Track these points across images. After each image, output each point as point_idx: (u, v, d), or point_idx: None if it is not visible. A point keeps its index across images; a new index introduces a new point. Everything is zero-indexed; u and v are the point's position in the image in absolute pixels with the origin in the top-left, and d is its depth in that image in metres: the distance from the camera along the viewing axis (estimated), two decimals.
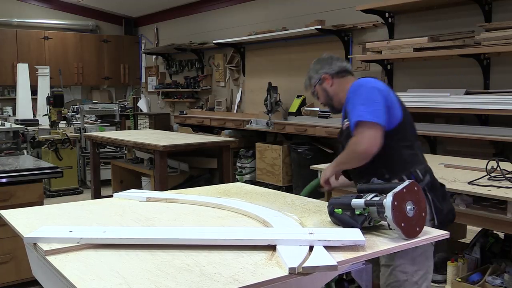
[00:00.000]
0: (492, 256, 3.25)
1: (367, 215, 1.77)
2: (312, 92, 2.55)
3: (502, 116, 4.27)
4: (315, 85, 2.50)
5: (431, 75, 5.12)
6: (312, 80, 2.52)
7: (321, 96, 2.50)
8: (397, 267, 2.20)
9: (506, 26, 4.19)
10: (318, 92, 2.50)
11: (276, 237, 1.66)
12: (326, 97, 2.48)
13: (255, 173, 6.65)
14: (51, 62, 9.44)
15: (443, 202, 2.19)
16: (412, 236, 1.72)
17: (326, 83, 2.46)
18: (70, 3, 10.36)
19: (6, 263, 3.51)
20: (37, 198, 3.58)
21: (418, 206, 1.76)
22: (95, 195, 5.63)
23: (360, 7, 5.29)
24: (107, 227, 1.83)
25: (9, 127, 6.08)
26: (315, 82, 2.49)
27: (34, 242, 1.68)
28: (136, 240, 1.67)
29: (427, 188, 2.16)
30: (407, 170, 2.21)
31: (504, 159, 2.99)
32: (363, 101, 2.17)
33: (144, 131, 8.02)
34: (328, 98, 2.47)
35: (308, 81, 2.55)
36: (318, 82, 2.48)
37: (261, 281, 1.37)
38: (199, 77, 8.73)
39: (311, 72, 2.53)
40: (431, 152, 4.68)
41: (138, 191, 2.56)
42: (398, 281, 2.25)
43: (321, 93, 2.49)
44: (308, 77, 2.56)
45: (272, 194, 2.54)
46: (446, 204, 2.23)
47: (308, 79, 2.55)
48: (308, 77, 2.55)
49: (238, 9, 7.99)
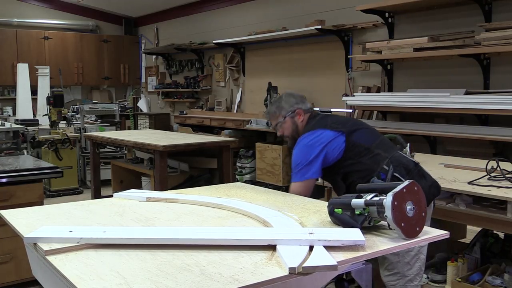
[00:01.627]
0: (492, 256, 3.25)
1: (367, 215, 1.77)
2: (277, 123, 2.68)
3: (502, 116, 4.27)
4: (285, 116, 2.64)
5: (431, 75, 5.12)
6: (282, 110, 2.66)
7: (287, 128, 2.66)
8: None
9: (506, 26, 4.19)
10: (286, 123, 2.65)
11: (276, 237, 1.66)
12: (293, 131, 2.65)
13: (255, 173, 6.65)
14: (51, 62, 9.45)
15: (420, 180, 2.25)
16: (412, 236, 1.72)
17: (297, 118, 2.65)
18: (70, 3, 10.36)
19: (6, 263, 3.51)
20: (37, 198, 3.58)
21: (418, 206, 1.75)
22: (95, 195, 5.63)
23: (360, 7, 5.29)
24: (107, 227, 1.83)
25: (9, 127, 6.08)
26: (287, 114, 2.64)
27: (34, 242, 1.68)
28: (136, 240, 1.67)
29: (399, 175, 2.33)
30: (375, 171, 2.39)
31: (504, 159, 2.99)
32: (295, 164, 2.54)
33: (144, 131, 8.01)
34: (295, 132, 2.64)
35: (276, 111, 2.68)
36: (290, 114, 2.64)
37: (261, 281, 1.37)
38: (199, 77, 8.73)
39: (282, 103, 2.66)
40: (431, 152, 4.68)
41: (138, 191, 2.56)
42: (391, 263, 2.39)
43: (288, 126, 2.65)
44: (276, 107, 2.68)
45: (272, 194, 2.54)
46: (425, 181, 2.36)
47: (276, 109, 2.67)
48: (277, 107, 2.68)
49: (238, 9, 7.99)
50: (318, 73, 6.40)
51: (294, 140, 2.63)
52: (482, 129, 4.39)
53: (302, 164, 2.52)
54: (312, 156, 2.49)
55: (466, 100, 4.33)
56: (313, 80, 6.51)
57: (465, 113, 4.53)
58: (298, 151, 2.55)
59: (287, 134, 2.69)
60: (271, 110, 2.73)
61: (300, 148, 2.54)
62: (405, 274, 2.39)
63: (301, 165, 2.52)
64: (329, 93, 6.25)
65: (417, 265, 2.40)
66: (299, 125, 2.66)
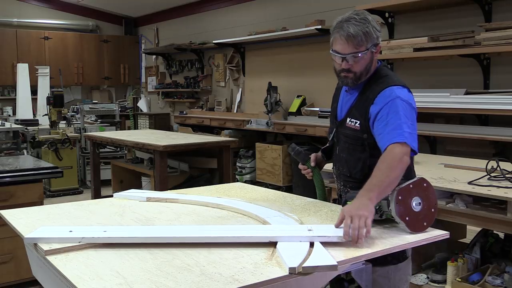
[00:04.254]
0: (492, 256, 3.25)
1: (378, 208, 1.82)
2: (357, 52, 1.98)
3: (502, 116, 4.27)
4: (369, 48, 1.99)
5: (431, 75, 5.12)
6: (369, 39, 1.98)
7: (362, 63, 2.01)
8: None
9: (506, 26, 4.19)
10: (365, 57, 2.00)
11: (275, 234, 1.67)
12: (365, 67, 2.03)
13: (255, 173, 6.65)
14: (51, 62, 9.45)
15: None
16: (419, 231, 1.78)
17: (375, 54, 2.05)
18: (70, 3, 10.36)
19: (6, 263, 3.51)
20: (37, 198, 3.59)
21: (427, 202, 1.81)
22: (95, 195, 5.63)
23: (360, 7, 5.28)
24: (107, 227, 1.83)
25: (9, 127, 6.09)
26: (371, 46, 1.99)
27: (34, 243, 1.68)
28: (137, 239, 1.67)
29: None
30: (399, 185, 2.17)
31: (504, 159, 2.99)
32: (405, 120, 1.91)
33: (144, 131, 8.02)
34: (366, 69, 2.04)
35: (363, 37, 1.96)
36: (373, 47, 2.01)
37: (261, 281, 1.37)
38: (199, 77, 8.73)
39: (371, 29, 1.97)
40: (431, 152, 4.68)
41: (138, 191, 2.56)
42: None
43: (365, 61, 2.01)
44: (364, 32, 1.96)
45: (272, 194, 2.54)
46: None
47: (364, 35, 1.96)
48: (365, 33, 1.96)
49: (238, 9, 7.99)
50: (318, 73, 6.39)
51: (358, 80, 2.05)
52: (482, 129, 4.39)
53: (411, 126, 1.91)
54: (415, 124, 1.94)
55: (466, 100, 4.33)
56: (313, 80, 6.51)
57: (465, 113, 4.53)
58: (401, 106, 1.93)
59: (356, 70, 2.02)
60: (357, 33, 1.95)
61: (403, 103, 1.94)
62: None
63: (411, 127, 1.90)
64: (329, 93, 6.17)
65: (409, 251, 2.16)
66: (374, 62, 2.06)
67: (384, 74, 2.08)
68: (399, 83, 2.03)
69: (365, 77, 2.06)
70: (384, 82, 2.03)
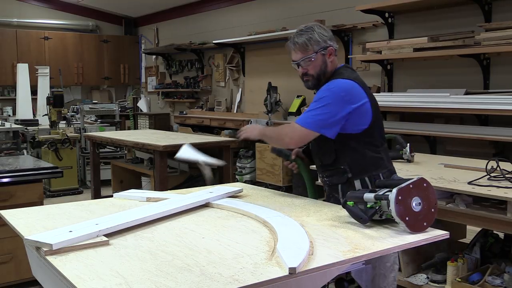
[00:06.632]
0: (492, 256, 3.24)
1: (377, 208, 1.85)
2: (304, 57, 2.24)
3: (502, 116, 4.27)
4: (317, 51, 2.23)
5: (431, 75, 5.12)
6: (315, 45, 2.23)
7: (316, 66, 2.25)
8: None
9: (506, 26, 4.19)
10: (316, 60, 2.24)
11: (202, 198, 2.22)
12: (320, 70, 2.26)
13: (255, 173, 6.65)
14: (51, 62, 9.45)
15: None
16: (418, 231, 1.78)
17: (328, 56, 2.26)
18: (70, 3, 10.36)
19: (6, 263, 3.51)
20: (37, 198, 3.58)
21: (427, 202, 1.82)
22: (95, 195, 5.63)
23: (360, 7, 5.29)
24: (99, 219, 1.91)
25: (9, 127, 6.09)
26: (319, 49, 2.23)
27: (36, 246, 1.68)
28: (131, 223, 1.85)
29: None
30: (369, 173, 2.25)
31: (504, 159, 2.99)
32: (319, 106, 2.18)
33: (144, 131, 8.02)
34: (321, 71, 2.27)
35: (307, 43, 2.23)
36: (321, 50, 2.24)
37: (261, 281, 1.37)
38: (199, 77, 8.74)
39: (315, 35, 2.23)
40: (431, 152, 4.68)
41: (138, 191, 2.57)
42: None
43: (317, 63, 2.25)
44: (307, 38, 2.23)
45: (272, 194, 2.54)
46: None
47: (307, 40, 2.23)
48: (308, 38, 2.23)
49: (238, 9, 7.99)
50: None
51: (318, 81, 2.28)
52: (482, 129, 4.39)
53: (326, 114, 2.15)
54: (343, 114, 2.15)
55: (466, 100, 4.33)
56: None
57: (465, 113, 4.53)
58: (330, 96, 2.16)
59: (312, 73, 2.26)
60: (300, 41, 2.23)
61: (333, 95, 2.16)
62: (380, 286, 2.21)
63: (323, 114, 2.16)
64: None
65: (392, 275, 2.25)
66: (328, 64, 2.27)
67: (338, 73, 2.28)
68: (345, 77, 2.22)
69: (324, 78, 2.28)
70: (331, 80, 2.25)
